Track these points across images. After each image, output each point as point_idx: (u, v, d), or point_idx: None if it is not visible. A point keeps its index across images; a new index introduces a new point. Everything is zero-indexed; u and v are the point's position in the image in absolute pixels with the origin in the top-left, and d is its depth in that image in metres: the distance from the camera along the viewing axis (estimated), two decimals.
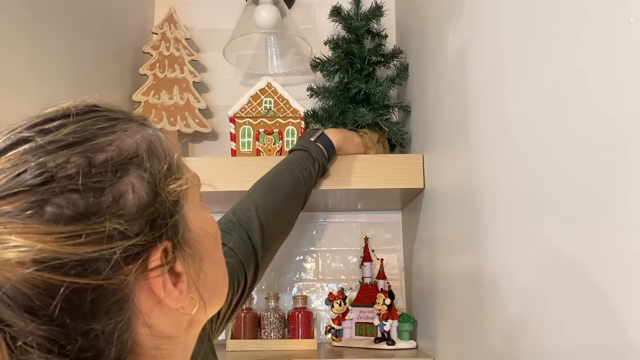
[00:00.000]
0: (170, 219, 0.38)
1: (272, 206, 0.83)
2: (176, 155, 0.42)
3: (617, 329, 0.38)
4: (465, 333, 0.76)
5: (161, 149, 0.41)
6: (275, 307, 1.18)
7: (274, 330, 1.16)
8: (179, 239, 0.39)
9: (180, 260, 0.39)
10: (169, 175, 0.40)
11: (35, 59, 0.83)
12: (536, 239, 0.51)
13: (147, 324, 0.37)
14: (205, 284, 0.43)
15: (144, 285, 0.37)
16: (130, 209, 0.36)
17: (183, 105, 1.23)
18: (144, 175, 0.37)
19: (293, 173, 0.89)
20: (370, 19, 1.16)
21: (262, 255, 0.79)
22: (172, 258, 0.38)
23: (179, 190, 0.40)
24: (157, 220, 0.37)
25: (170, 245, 0.38)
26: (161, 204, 0.38)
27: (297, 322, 1.16)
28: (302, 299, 1.19)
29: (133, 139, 0.39)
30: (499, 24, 0.61)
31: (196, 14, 1.42)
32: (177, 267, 0.39)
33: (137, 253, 0.35)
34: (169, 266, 0.38)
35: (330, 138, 0.98)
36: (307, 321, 1.16)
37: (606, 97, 0.39)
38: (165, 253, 0.38)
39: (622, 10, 0.36)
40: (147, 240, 0.36)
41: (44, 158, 0.34)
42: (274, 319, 1.16)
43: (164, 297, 0.37)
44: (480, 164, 0.68)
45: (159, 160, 0.40)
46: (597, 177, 0.40)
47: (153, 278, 0.37)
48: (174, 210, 0.39)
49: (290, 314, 1.17)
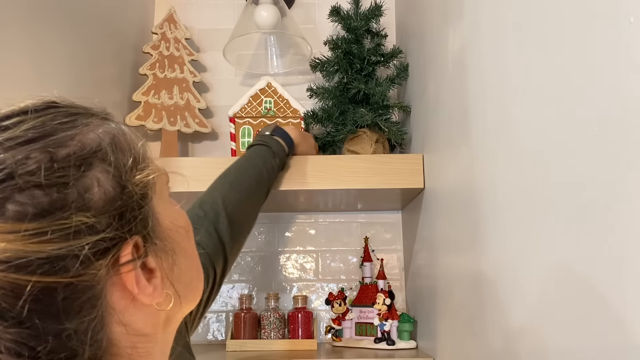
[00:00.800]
0: (139, 212, 0.37)
1: (238, 199, 0.84)
2: (140, 147, 0.41)
3: (618, 329, 0.38)
4: (465, 333, 0.76)
5: (125, 142, 0.40)
6: (275, 307, 1.18)
7: (274, 330, 1.15)
8: (150, 233, 0.38)
9: (153, 255, 0.38)
10: (135, 168, 0.39)
11: (35, 59, 0.83)
12: (536, 239, 0.51)
13: (122, 322, 0.36)
14: (180, 278, 0.42)
15: (117, 282, 0.36)
16: (97, 203, 0.35)
17: (183, 105, 1.23)
18: (108, 168, 0.36)
19: (256, 167, 0.90)
20: (369, 19, 1.16)
21: (230, 248, 0.79)
22: (143, 252, 0.37)
23: (145, 181, 0.39)
24: (125, 213, 0.36)
25: (140, 239, 0.37)
26: (129, 197, 0.37)
27: (297, 322, 1.16)
28: (302, 299, 1.19)
29: (95, 132, 0.38)
30: (499, 24, 0.61)
31: (196, 14, 1.42)
32: (150, 262, 0.38)
33: (106, 248, 0.35)
34: (140, 261, 0.37)
35: (288, 133, 0.98)
36: (307, 321, 1.16)
37: (606, 98, 0.39)
38: (136, 248, 0.37)
39: (622, 10, 0.36)
40: (116, 234, 0.35)
41: (2, 155, 0.33)
42: (274, 319, 1.16)
43: (138, 293, 0.36)
44: (480, 164, 0.68)
45: (124, 153, 0.39)
46: (597, 177, 0.40)
47: (125, 273, 0.36)
48: (143, 203, 0.38)
49: (290, 314, 1.17)
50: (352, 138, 1.14)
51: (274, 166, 0.93)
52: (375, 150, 1.12)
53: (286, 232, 1.32)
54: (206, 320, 1.27)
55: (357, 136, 1.14)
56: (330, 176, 1.03)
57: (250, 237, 1.31)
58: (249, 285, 1.29)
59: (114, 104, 1.16)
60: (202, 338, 1.26)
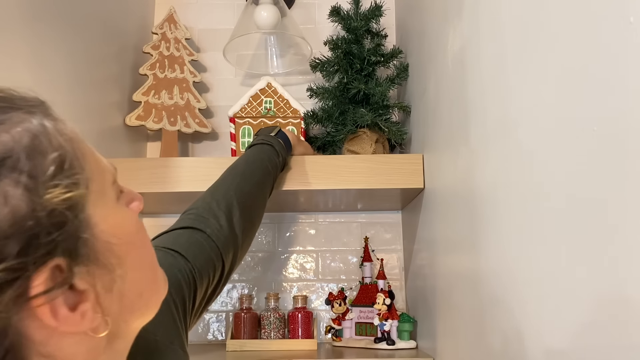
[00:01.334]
0: (60, 231, 0.31)
1: (249, 191, 0.82)
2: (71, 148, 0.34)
3: (618, 329, 0.38)
4: (465, 333, 0.76)
5: (49, 143, 0.32)
6: (275, 307, 1.18)
7: (274, 330, 1.15)
8: (78, 252, 0.32)
9: (82, 276, 0.32)
10: (58, 176, 0.32)
11: (35, 59, 0.83)
12: (536, 239, 0.51)
13: (43, 354, 0.31)
14: (124, 295, 0.36)
15: (31, 314, 0.30)
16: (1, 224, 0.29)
17: (183, 105, 1.23)
18: (20, 179, 0.30)
19: (262, 162, 0.89)
20: (369, 19, 1.16)
21: (241, 241, 0.76)
22: (67, 277, 0.31)
23: (73, 192, 0.32)
24: (40, 235, 0.30)
25: (64, 261, 0.31)
26: (47, 214, 0.30)
27: (297, 322, 1.16)
28: (302, 299, 1.19)
29: (10, 133, 0.31)
30: (499, 24, 0.61)
31: (196, 14, 1.42)
32: (79, 285, 0.32)
33: (13, 278, 0.29)
34: (61, 288, 0.31)
35: (287, 135, 0.99)
36: (307, 321, 1.16)
37: (606, 98, 0.39)
38: (57, 271, 0.31)
39: (622, 11, 0.36)
40: (25, 262, 0.29)
41: None
42: (274, 318, 1.16)
43: (58, 326, 0.31)
44: (480, 164, 0.68)
45: (44, 158, 0.32)
46: (597, 177, 0.40)
47: (37, 307, 0.30)
48: (68, 217, 0.32)
49: (290, 314, 1.17)
50: (352, 138, 1.14)
51: (277, 164, 0.93)
52: (375, 150, 1.12)
53: (286, 232, 1.32)
54: (206, 320, 1.27)
55: (357, 136, 1.14)
56: (330, 176, 1.03)
57: None
58: (249, 285, 1.29)
59: (114, 104, 1.16)
60: (202, 338, 1.26)
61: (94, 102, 1.05)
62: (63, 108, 0.37)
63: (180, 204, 1.19)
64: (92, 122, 1.04)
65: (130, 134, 1.22)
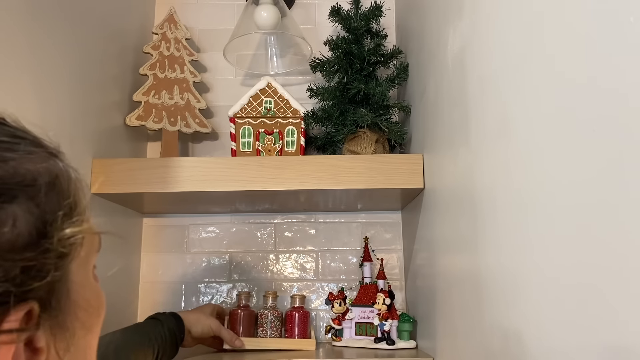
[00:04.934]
0: (48, 273, 0.30)
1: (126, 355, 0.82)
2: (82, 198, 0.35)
3: (617, 330, 0.38)
4: (465, 333, 0.76)
5: (67, 187, 0.34)
6: (273, 306, 1.17)
7: (272, 328, 1.14)
8: (52, 302, 0.31)
9: (46, 331, 0.31)
10: (66, 220, 0.32)
11: (35, 59, 0.83)
12: (535, 239, 0.51)
13: None
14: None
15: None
16: (2, 245, 0.28)
17: (183, 105, 1.23)
18: (34, 209, 0.30)
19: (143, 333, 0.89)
20: (369, 19, 1.16)
21: None
22: (35, 324, 0.30)
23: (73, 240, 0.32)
24: (32, 269, 0.29)
25: (38, 307, 0.30)
26: (44, 251, 0.30)
27: (294, 321, 1.15)
28: (300, 299, 1.18)
29: (36, 165, 0.32)
30: (499, 24, 0.61)
31: (196, 14, 1.42)
32: (39, 341, 0.30)
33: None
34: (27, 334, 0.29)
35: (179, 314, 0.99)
36: (304, 321, 1.15)
37: (606, 97, 0.39)
38: (27, 316, 0.29)
39: (622, 10, 0.37)
40: (10, 291, 0.28)
41: None
42: (272, 317, 1.14)
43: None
44: (480, 164, 0.68)
45: (59, 199, 0.32)
46: (596, 177, 0.40)
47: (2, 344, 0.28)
48: (58, 263, 0.31)
49: (287, 313, 1.16)
50: (352, 138, 1.14)
51: (163, 335, 0.91)
52: (375, 150, 1.12)
53: (286, 232, 1.32)
54: None
55: (357, 136, 1.14)
56: (330, 176, 1.03)
57: (251, 237, 1.31)
58: (249, 285, 1.29)
59: (114, 104, 1.16)
60: None
61: (94, 102, 1.05)
62: (63, 108, 0.37)
63: (181, 204, 1.19)
64: (92, 122, 1.04)
65: (130, 134, 1.22)
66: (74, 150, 0.97)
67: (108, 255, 1.10)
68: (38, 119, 0.83)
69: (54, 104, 0.89)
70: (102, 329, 0.40)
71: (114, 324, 1.05)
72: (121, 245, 1.19)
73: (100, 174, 1.02)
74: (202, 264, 1.30)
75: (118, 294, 1.16)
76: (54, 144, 0.36)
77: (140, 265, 1.29)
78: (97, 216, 1.09)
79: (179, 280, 1.29)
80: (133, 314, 1.25)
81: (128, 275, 1.22)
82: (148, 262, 1.30)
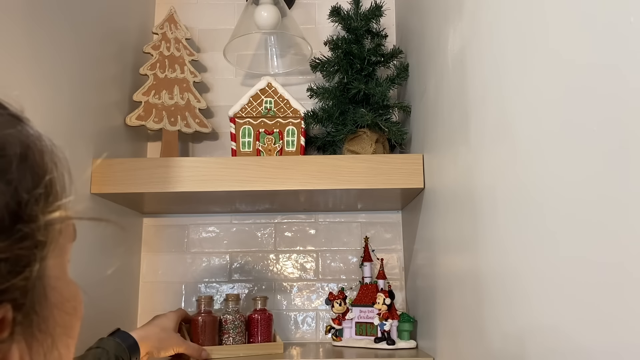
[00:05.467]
0: (26, 269, 0.24)
1: None
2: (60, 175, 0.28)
3: (618, 329, 0.38)
4: (465, 333, 0.76)
5: (41, 161, 0.27)
6: (237, 310, 1.10)
7: (239, 334, 1.08)
8: (29, 306, 0.25)
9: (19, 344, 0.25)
10: (43, 202, 0.26)
11: (36, 59, 0.83)
12: (536, 239, 0.51)
13: None
14: None
15: None
16: None
17: (183, 105, 1.23)
18: (3, 188, 0.24)
19: None
20: (369, 19, 1.16)
21: None
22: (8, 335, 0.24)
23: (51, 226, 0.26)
24: (5, 263, 0.23)
25: (11, 310, 0.24)
26: (19, 240, 0.24)
27: (257, 325, 1.10)
28: (262, 301, 1.13)
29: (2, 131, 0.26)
30: (499, 24, 0.61)
31: (196, 14, 1.42)
32: (12, 356, 0.24)
33: None
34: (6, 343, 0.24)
35: (130, 333, 0.86)
36: (268, 323, 1.11)
37: (606, 98, 0.39)
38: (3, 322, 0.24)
39: (622, 10, 0.37)
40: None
41: None
42: (238, 322, 1.08)
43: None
44: (480, 164, 0.69)
45: (35, 175, 0.26)
46: (596, 176, 0.40)
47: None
48: (36, 256, 0.25)
49: (250, 317, 1.11)
50: (352, 138, 1.15)
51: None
52: (375, 150, 1.12)
53: (286, 232, 1.32)
54: None
55: (357, 136, 1.14)
56: (330, 176, 1.03)
57: (251, 237, 1.31)
58: (250, 285, 1.29)
59: (115, 104, 1.16)
60: None
61: (94, 102, 1.05)
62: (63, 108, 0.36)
63: (181, 204, 1.19)
64: (92, 122, 1.04)
65: (130, 134, 1.22)
66: (74, 150, 0.97)
67: (108, 255, 1.10)
68: (38, 119, 0.83)
69: (54, 104, 0.89)
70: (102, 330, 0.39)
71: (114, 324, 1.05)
72: (121, 245, 1.19)
73: (100, 174, 1.02)
74: (202, 264, 1.30)
75: (118, 294, 1.16)
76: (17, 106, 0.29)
77: (140, 265, 1.29)
78: (97, 216, 1.09)
79: (179, 280, 1.29)
80: (133, 314, 1.25)
81: (128, 275, 1.22)
82: (148, 262, 1.30)
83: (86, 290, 0.32)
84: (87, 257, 0.98)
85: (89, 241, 0.99)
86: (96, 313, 1.00)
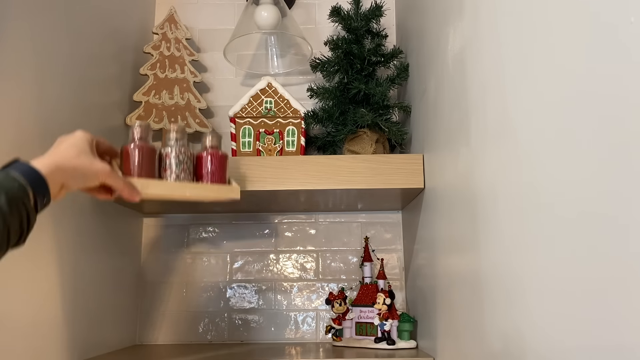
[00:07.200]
0: None
1: None
2: None
3: (619, 328, 0.38)
4: (465, 333, 0.76)
5: None
6: (182, 144, 0.86)
7: (184, 171, 0.85)
8: None
9: None
10: None
11: (36, 59, 0.83)
12: (536, 239, 0.51)
13: None
14: None
15: None
16: None
17: (184, 105, 1.23)
18: None
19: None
20: (370, 19, 1.16)
21: None
22: None
23: None
24: None
25: None
26: None
27: (206, 165, 0.88)
28: (213, 138, 0.91)
29: None
30: (499, 24, 0.61)
31: (197, 14, 1.42)
32: None
33: None
34: None
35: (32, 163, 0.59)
36: (222, 164, 0.91)
37: (606, 97, 0.39)
38: None
39: (623, 10, 0.37)
40: None
41: None
42: (182, 157, 0.85)
43: None
44: (480, 164, 0.69)
45: None
46: (596, 176, 0.40)
47: None
48: None
49: (198, 156, 0.90)
50: (352, 138, 1.15)
51: None
52: (375, 150, 1.12)
53: (286, 232, 1.32)
54: (206, 320, 1.27)
55: (357, 136, 1.14)
56: (330, 176, 1.03)
57: (251, 236, 1.31)
58: (250, 285, 1.29)
59: (115, 104, 1.16)
60: (202, 338, 1.26)
61: (95, 102, 1.05)
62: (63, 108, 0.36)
63: (181, 204, 1.19)
64: (93, 122, 1.04)
65: None
66: None
67: (109, 255, 1.10)
68: (38, 119, 0.83)
69: (54, 104, 0.89)
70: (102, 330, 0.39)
71: (114, 324, 1.05)
72: (121, 245, 1.19)
73: None
74: (202, 264, 1.30)
75: (118, 294, 1.16)
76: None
77: (140, 265, 1.29)
78: (97, 216, 1.09)
79: (179, 281, 1.29)
80: (133, 314, 1.25)
81: (128, 275, 1.22)
82: (148, 262, 1.30)
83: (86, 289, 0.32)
84: (87, 257, 0.98)
85: (89, 241, 0.99)
86: (96, 313, 1.00)
